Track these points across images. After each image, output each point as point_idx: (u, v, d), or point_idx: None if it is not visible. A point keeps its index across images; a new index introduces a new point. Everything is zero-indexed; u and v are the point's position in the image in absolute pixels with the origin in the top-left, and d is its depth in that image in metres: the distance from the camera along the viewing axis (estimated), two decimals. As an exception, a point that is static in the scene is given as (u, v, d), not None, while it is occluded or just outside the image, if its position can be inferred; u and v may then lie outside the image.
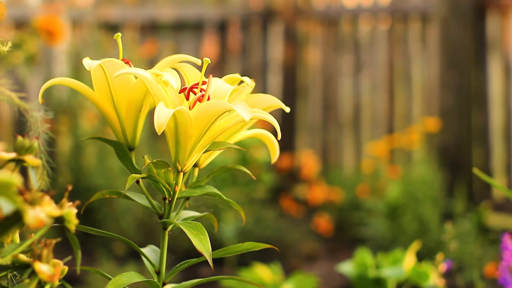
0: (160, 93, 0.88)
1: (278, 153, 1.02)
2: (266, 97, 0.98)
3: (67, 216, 0.74)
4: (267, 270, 1.84)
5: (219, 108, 0.87)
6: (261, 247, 0.93)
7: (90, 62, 0.91)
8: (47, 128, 0.94)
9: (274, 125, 0.88)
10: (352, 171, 4.13)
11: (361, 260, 1.75)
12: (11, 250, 0.74)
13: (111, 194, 0.94)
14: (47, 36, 2.82)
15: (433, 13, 3.81)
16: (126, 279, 0.90)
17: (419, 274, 1.67)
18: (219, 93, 0.92)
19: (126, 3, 4.23)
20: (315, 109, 4.40)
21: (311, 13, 4.38)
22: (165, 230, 0.95)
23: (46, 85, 0.93)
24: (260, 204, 3.37)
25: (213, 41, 4.41)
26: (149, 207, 0.95)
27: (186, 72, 0.98)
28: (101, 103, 0.95)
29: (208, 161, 1.00)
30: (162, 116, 0.84)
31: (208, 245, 0.88)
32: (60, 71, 3.78)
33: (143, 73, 0.88)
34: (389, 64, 4.10)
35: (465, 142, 3.52)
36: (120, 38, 0.95)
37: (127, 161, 0.96)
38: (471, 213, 3.00)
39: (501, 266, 1.27)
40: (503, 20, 3.54)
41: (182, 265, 0.96)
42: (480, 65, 3.56)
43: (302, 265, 3.10)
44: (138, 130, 0.96)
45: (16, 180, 0.66)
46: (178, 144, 0.90)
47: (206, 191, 0.96)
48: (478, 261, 2.62)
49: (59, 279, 0.75)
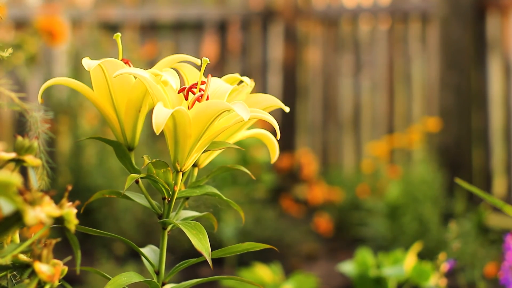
0: (159, 93, 0.88)
1: (278, 153, 1.02)
2: (265, 97, 0.98)
3: (67, 216, 0.74)
4: (267, 270, 1.83)
5: (218, 108, 0.86)
6: (260, 247, 0.93)
7: (90, 62, 0.91)
8: (47, 128, 0.93)
9: (273, 125, 0.88)
10: (352, 171, 4.13)
11: (362, 260, 1.75)
12: (11, 250, 0.74)
13: (110, 194, 0.94)
14: (48, 37, 2.82)
15: (433, 13, 3.81)
16: (125, 279, 0.90)
17: (420, 274, 1.67)
18: (218, 93, 0.92)
19: (126, 3, 4.23)
20: (315, 109, 4.40)
21: (311, 13, 4.38)
22: (165, 230, 0.95)
23: (46, 85, 0.93)
24: (260, 204, 3.37)
25: (213, 41, 4.41)
26: (149, 207, 0.95)
27: (185, 72, 0.98)
28: (100, 103, 0.95)
29: (207, 161, 1.00)
30: (160, 116, 0.83)
31: (208, 245, 0.87)
32: (60, 71, 3.78)
33: (142, 73, 0.88)
34: (389, 64, 4.10)
35: (465, 142, 3.52)
36: (119, 38, 0.95)
37: (126, 161, 0.96)
38: (471, 213, 3.00)
39: (503, 266, 1.27)
40: (503, 20, 3.54)
41: (182, 265, 0.96)
42: (480, 65, 3.56)
43: (302, 265, 3.10)
44: (137, 130, 0.96)
45: (16, 180, 0.66)
46: (177, 144, 0.90)
47: (205, 191, 0.96)
48: (479, 261, 2.62)
49: (59, 279, 0.75)
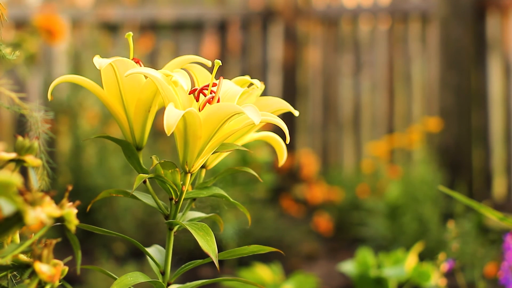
0: (170, 94, 0.87)
1: (286, 156, 1.03)
2: (275, 100, 0.98)
3: (67, 216, 0.74)
4: (267, 270, 1.83)
5: (229, 111, 0.86)
6: (266, 250, 0.93)
7: (101, 61, 0.90)
8: (47, 128, 0.93)
9: (284, 129, 0.88)
10: (352, 171, 4.13)
11: (362, 260, 1.75)
12: (11, 250, 0.74)
13: (117, 193, 0.93)
14: (47, 35, 2.82)
15: (433, 13, 3.81)
16: (131, 279, 0.89)
17: (420, 274, 1.67)
18: (228, 95, 0.91)
19: (126, 3, 4.22)
20: (315, 109, 4.40)
21: (311, 13, 4.38)
22: (171, 231, 0.94)
23: (56, 82, 0.93)
24: (260, 204, 3.37)
25: (213, 41, 4.41)
26: (155, 207, 0.95)
27: (196, 73, 0.98)
28: (110, 102, 0.95)
29: (215, 162, 0.99)
30: (172, 117, 0.83)
31: (215, 247, 0.87)
32: (60, 71, 3.77)
33: (153, 73, 0.87)
34: (389, 64, 4.10)
35: (465, 142, 3.52)
36: (131, 37, 0.94)
37: (134, 160, 0.96)
38: (471, 213, 3.00)
39: (503, 266, 1.27)
40: (503, 20, 3.54)
41: (188, 266, 0.96)
42: (480, 65, 3.56)
43: (302, 265, 3.10)
44: (146, 130, 0.96)
45: (16, 180, 0.66)
46: (186, 145, 0.89)
47: (212, 192, 0.96)
48: (479, 261, 2.62)
49: (59, 279, 0.75)
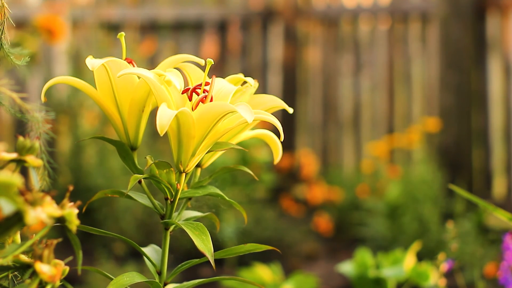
0: (163, 94, 0.87)
1: (281, 154, 1.02)
2: (269, 98, 0.98)
3: (68, 216, 0.74)
4: (267, 270, 1.83)
5: (222, 110, 0.86)
6: (263, 248, 0.93)
7: (93, 61, 0.90)
8: (48, 129, 0.93)
9: (277, 126, 0.88)
10: (352, 171, 4.13)
11: (361, 260, 1.75)
12: (12, 251, 0.74)
13: (113, 193, 0.93)
14: (47, 35, 2.82)
15: (433, 13, 3.81)
16: (128, 279, 0.89)
17: (419, 274, 1.67)
18: (222, 93, 0.91)
19: (126, 3, 4.22)
20: (315, 109, 4.40)
21: (311, 13, 4.38)
22: (167, 231, 0.94)
23: (49, 84, 0.93)
24: (260, 204, 3.37)
25: (213, 41, 4.41)
26: (151, 207, 0.95)
27: (189, 72, 0.98)
28: (103, 102, 0.95)
29: (210, 161, 0.99)
30: (164, 117, 0.83)
31: (210, 246, 0.87)
32: (60, 71, 3.77)
33: (146, 73, 0.87)
34: (389, 64, 4.10)
35: (465, 142, 3.52)
36: (123, 37, 0.95)
37: (129, 161, 0.96)
38: (471, 213, 3.00)
39: (502, 266, 1.27)
40: (503, 20, 3.54)
41: (184, 266, 0.96)
42: (480, 65, 3.56)
43: (302, 265, 3.10)
44: (140, 130, 0.96)
45: (17, 180, 0.66)
46: (180, 145, 0.89)
47: (208, 191, 0.96)
48: (478, 261, 2.62)
49: (60, 279, 0.75)
